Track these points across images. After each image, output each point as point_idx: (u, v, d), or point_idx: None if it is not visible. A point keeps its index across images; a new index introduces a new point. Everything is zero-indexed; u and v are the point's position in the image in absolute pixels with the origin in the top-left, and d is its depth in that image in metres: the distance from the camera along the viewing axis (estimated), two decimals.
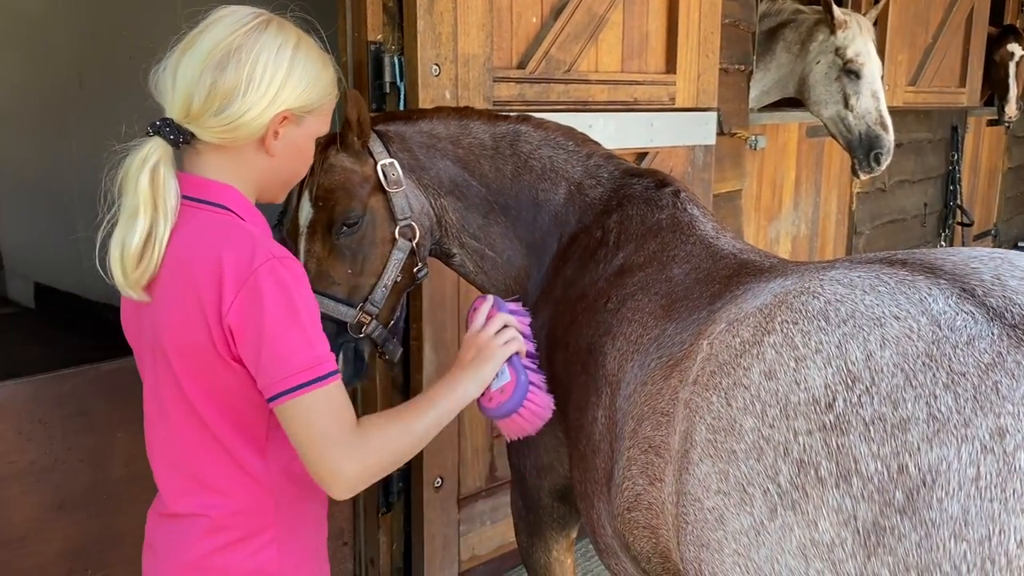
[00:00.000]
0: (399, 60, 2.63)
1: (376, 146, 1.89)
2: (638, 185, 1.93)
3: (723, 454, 1.20)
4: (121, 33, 4.81)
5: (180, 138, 1.39)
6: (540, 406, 1.62)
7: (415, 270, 1.94)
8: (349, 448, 1.31)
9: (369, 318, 1.84)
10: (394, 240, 1.87)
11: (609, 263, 1.82)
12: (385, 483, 2.91)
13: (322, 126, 1.55)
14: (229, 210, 1.41)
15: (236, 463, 1.42)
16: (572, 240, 1.96)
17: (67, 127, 5.43)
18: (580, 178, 1.99)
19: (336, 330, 1.78)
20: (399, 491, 2.93)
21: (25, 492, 2.28)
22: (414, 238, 1.90)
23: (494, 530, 3.12)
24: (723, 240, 1.76)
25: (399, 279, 1.90)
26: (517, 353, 1.62)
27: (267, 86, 1.38)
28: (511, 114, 2.10)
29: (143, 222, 1.34)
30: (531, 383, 1.61)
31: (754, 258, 1.64)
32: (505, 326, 1.63)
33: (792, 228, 4.81)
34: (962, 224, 6.51)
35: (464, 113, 2.04)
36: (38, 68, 5.63)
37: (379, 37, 2.61)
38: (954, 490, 0.98)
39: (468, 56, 2.69)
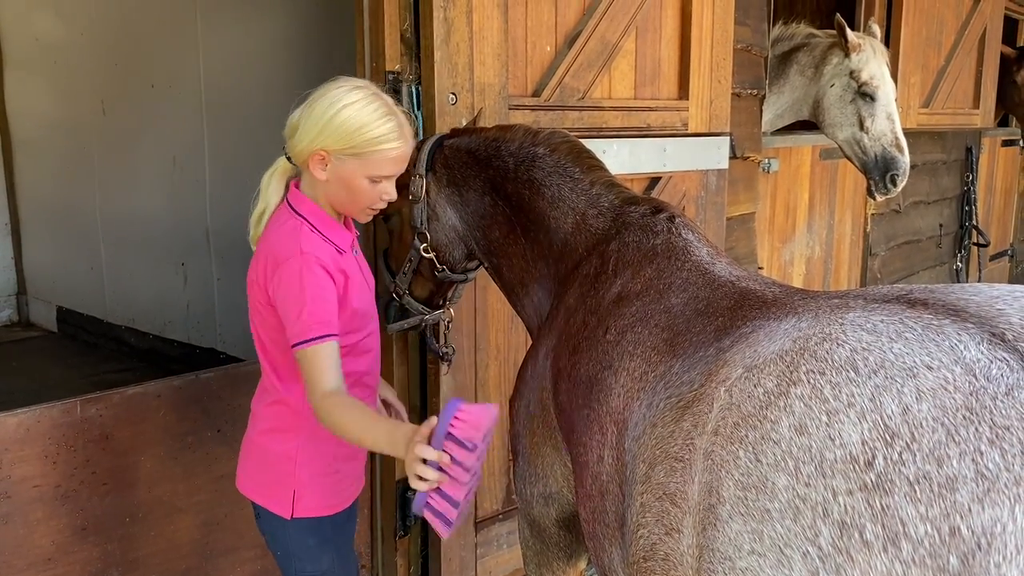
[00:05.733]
0: (416, 89, 2.67)
1: (420, 161, 2.18)
2: (635, 212, 1.93)
3: (756, 513, 1.16)
4: (144, 63, 4.91)
5: (291, 157, 1.92)
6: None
7: (434, 271, 2.27)
8: (316, 398, 1.80)
9: (401, 291, 2.33)
10: (412, 242, 2.23)
11: (608, 291, 1.81)
12: (402, 506, 2.93)
13: (371, 170, 1.86)
14: (300, 215, 1.90)
15: (278, 386, 1.96)
16: (575, 268, 1.98)
17: (90, 154, 5.53)
18: (584, 208, 2.01)
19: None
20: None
21: (50, 515, 2.32)
22: (428, 244, 2.21)
23: (511, 553, 3.12)
24: (719, 266, 1.74)
25: (421, 272, 2.29)
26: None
27: (311, 128, 1.82)
28: (543, 130, 2.16)
29: (260, 205, 1.97)
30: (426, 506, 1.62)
31: (753, 287, 1.61)
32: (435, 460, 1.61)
33: (806, 250, 4.82)
34: (978, 244, 6.49)
35: (503, 133, 2.17)
36: (62, 97, 5.74)
37: (396, 67, 2.66)
38: (1012, 554, 0.94)
39: (484, 85, 2.74)
